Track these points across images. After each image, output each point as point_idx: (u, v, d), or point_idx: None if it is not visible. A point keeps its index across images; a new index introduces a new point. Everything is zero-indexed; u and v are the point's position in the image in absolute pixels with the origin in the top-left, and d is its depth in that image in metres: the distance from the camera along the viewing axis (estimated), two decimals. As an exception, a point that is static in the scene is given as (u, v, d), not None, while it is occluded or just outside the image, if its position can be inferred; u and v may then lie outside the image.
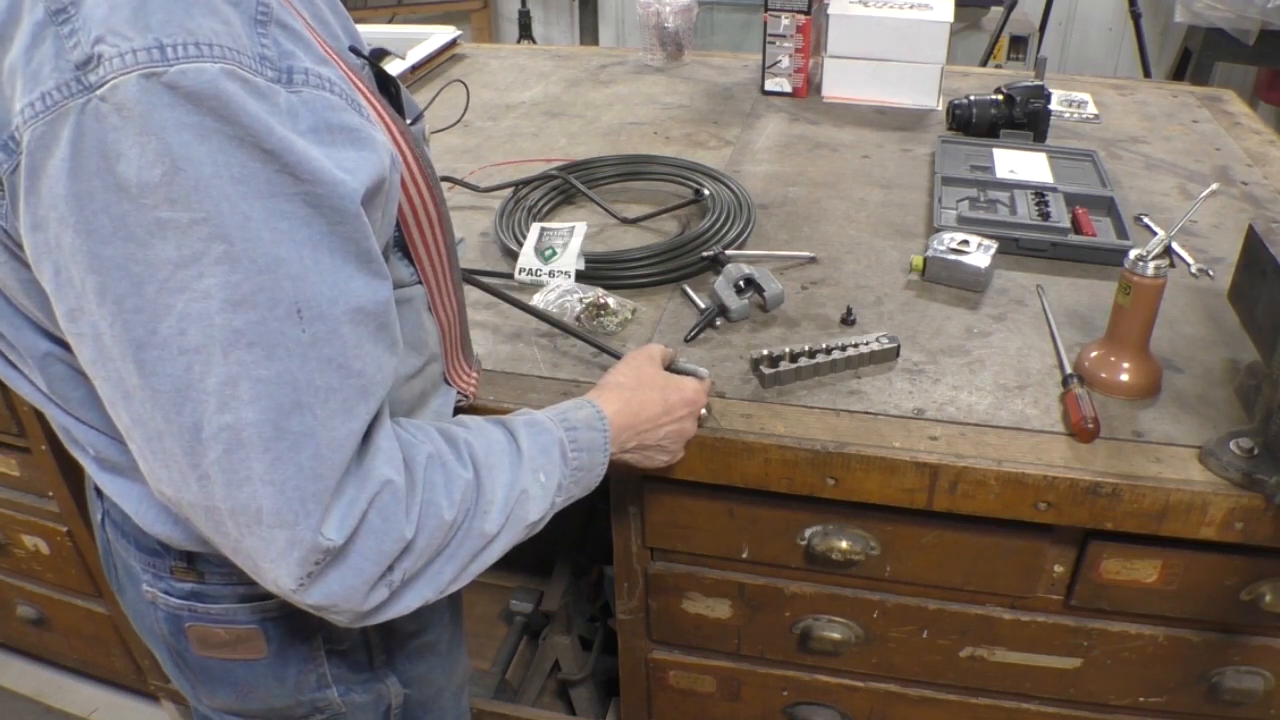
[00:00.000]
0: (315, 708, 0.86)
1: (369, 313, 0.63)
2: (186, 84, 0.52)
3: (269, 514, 0.60)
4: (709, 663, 1.21)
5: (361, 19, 3.98)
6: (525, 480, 0.75)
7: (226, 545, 0.63)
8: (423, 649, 0.92)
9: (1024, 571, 1.03)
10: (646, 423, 0.90)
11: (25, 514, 1.58)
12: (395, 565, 0.65)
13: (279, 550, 0.61)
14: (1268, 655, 1.03)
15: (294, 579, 0.62)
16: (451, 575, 0.71)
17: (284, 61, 0.58)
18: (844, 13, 1.74)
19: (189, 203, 0.54)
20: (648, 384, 0.92)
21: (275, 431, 0.59)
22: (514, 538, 0.76)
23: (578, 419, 0.83)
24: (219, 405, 0.58)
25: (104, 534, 0.86)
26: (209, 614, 0.80)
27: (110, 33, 0.52)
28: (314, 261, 0.59)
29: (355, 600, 0.65)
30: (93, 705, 1.91)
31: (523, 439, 0.77)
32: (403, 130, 0.75)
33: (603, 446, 0.84)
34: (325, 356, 0.60)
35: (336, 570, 0.63)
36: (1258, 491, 0.88)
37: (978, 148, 1.53)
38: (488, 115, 1.77)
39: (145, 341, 0.56)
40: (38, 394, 0.71)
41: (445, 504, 0.68)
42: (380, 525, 0.63)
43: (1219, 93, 1.87)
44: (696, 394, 0.94)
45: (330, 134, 0.60)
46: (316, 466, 0.60)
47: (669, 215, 1.40)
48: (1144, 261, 0.94)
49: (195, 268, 0.55)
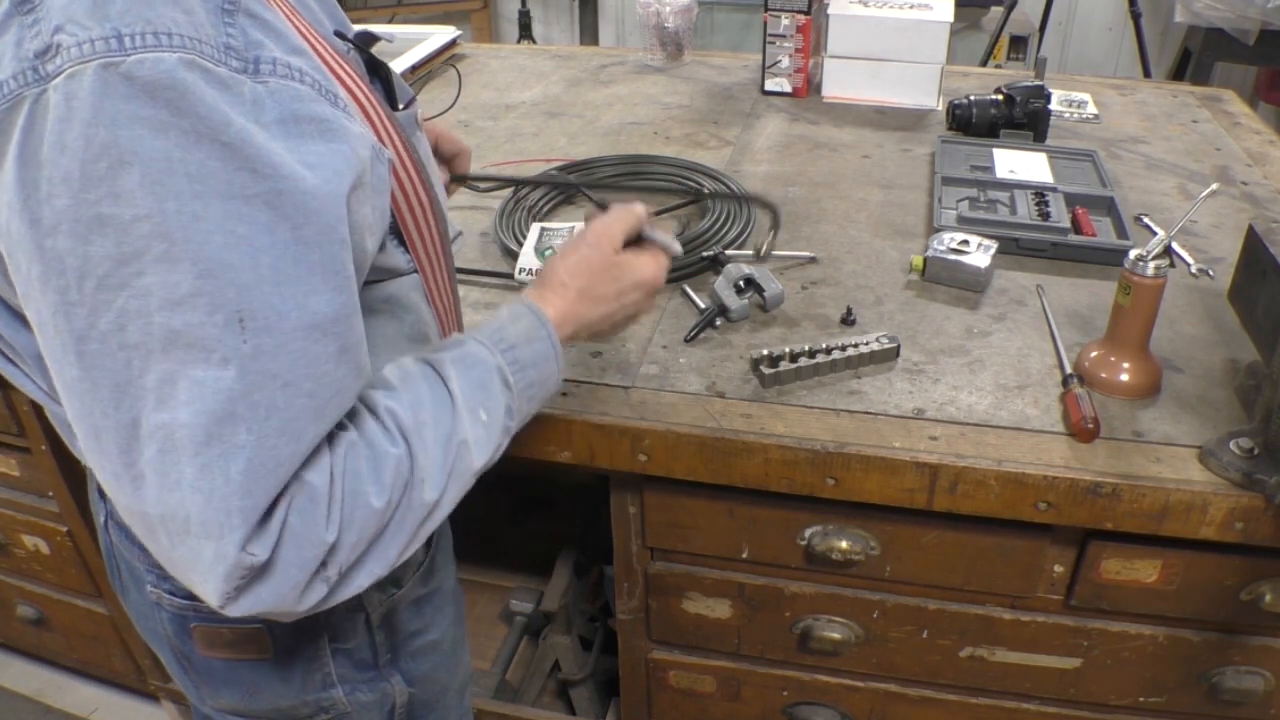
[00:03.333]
0: (321, 707, 0.86)
1: (328, 331, 0.60)
2: (143, 74, 0.52)
3: (196, 524, 0.58)
4: (709, 663, 1.21)
5: (361, 18, 3.98)
6: (464, 429, 0.71)
7: (161, 555, 0.61)
8: (427, 648, 0.92)
9: (1024, 571, 1.03)
10: (595, 317, 0.85)
11: (25, 514, 1.58)
12: (327, 563, 0.63)
13: (207, 563, 0.59)
14: (1268, 655, 1.03)
15: (220, 594, 0.60)
16: (399, 548, 0.68)
17: (251, 51, 0.57)
18: (844, 13, 1.74)
19: (132, 199, 0.53)
20: (598, 272, 0.85)
21: (206, 436, 0.57)
22: (461, 490, 0.72)
23: (516, 334, 0.78)
24: (156, 402, 0.56)
25: (107, 536, 0.86)
26: (214, 614, 0.79)
27: (69, 22, 0.52)
28: (271, 271, 0.57)
29: (289, 604, 0.63)
30: (93, 705, 1.91)
31: (454, 382, 0.72)
32: (389, 117, 0.74)
33: (552, 356, 0.79)
34: (267, 371, 0.58)
35: (263, 582, 0.61)
36: (1258, 491, 0.88)
37: (978, 148, 1.52)
38: (488, 115, 1.77)
39: (85, 334, 0.56)
40: (39, 391, 0.71)
41: (373, 491, 0.64)
42: (301, 530, 0.61)
43: (1219, 93, 1.87)
44: (655, 274, 0.88)
45: (298, 125, 0.59)
46: (247, 482, 0.58)
47: (669, 215, 1.40)
48: (1144, 261, 0.94)
49: (135, 265, 0.54)
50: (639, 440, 0.99)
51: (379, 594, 0.85)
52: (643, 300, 0.89)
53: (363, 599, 0.83)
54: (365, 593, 0.83)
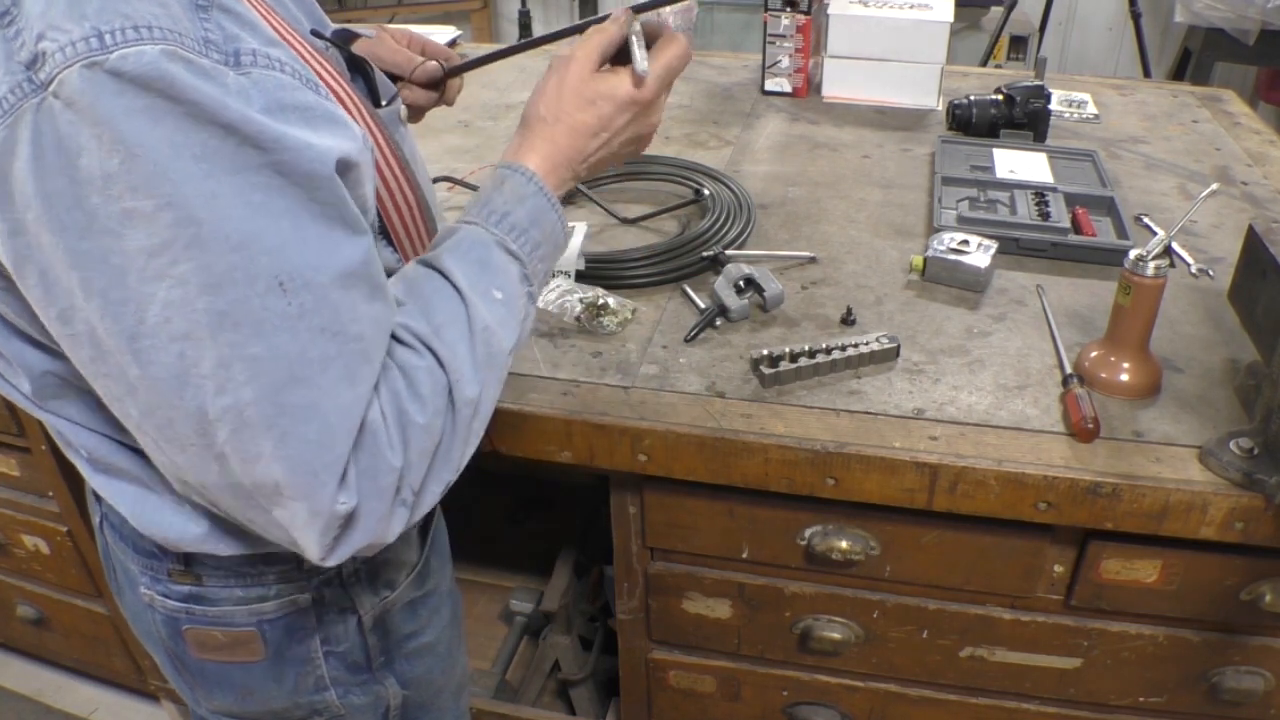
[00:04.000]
0: (314, 710, 0.86)
1: (358, 275, 0.62)
2: (128, 68, 0.52)
3: (286, 488, 0.60)
4: (709, 663, 1.21)
5: (361, 18, 3.98)
6: (481, 316, 0.70)
7: (259, 520, 0.63)
8: (421, 650, 0.91)
9: (1024, 571, 1.03)
10: (588, 150, 0.80)
11: (25, 514, 1.58)
12: (401, 487, 0.65)
13: (303, 522, 0.62)
14: (1268, 655, 1.03)
15: (320, 548, 0.63)
16: (461, 451, 0.69)
17: (230, 44, 0.58)
18: (844, 13, 1.74)
19: (150, 190, 0.53)
20: (570, 104, 0.79)
21: (276, 408, 0.59)
22: (500, 377, 0.73)
23: (504, 201, 0.75)
24: (217, 388, 0.58)
25: (103, 537, 0.86)
26: (206, 616, 0.80)
27: (50, 28, 0.52)
28: (294, 231, 0.58)
29: (379, 537, 0.66)
30: (93, 705, 1.91)
31: (455, 273, 0.71)
32: (371, 114, 0.74)
33: (548, 208, 0.77)
34: (317, 326, 0.59)
35: (354, 526, 0.64)
36: (1258, 491, 0.88)
37: (978, 148, 1.52)
38: (488, 115, 1.77)
39: (136, 331, 0.56)
40: (26, 400, 0.71)
41: (415, 409, 0.65)
42: (371, 465, 0.63)
43: (1219, 93, 1.87)
44: (630, 92, 0.79)
45: (284, 113, 0.59)
46: (324, 438, 0.60)
47: (669, 215, 1.40)
48: (1144, 261, 0.94)
49: (168, 254, 0.55)
50: (639, 440, 0.99)
51: (372, 596, 0.85)
52: (635, 123, 0.81)
53: (355, 601, 0.83)
54: (358, 595, 0.83)
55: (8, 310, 0.63)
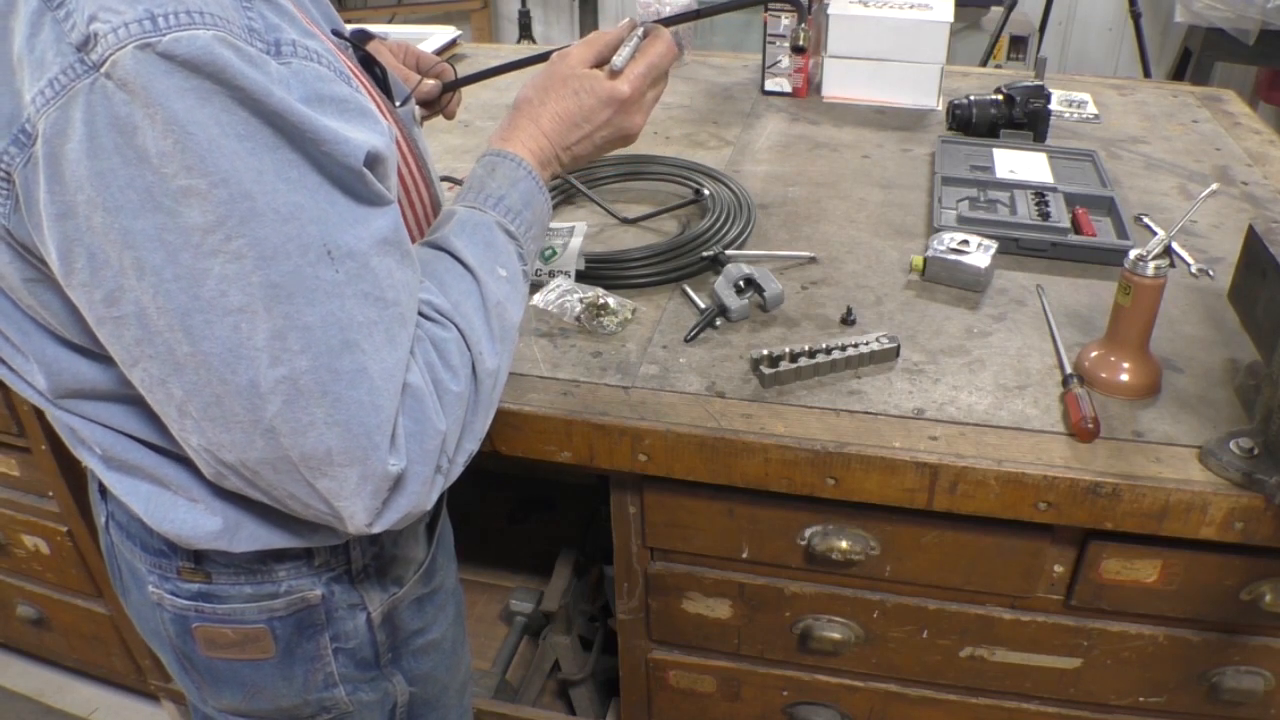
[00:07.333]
0: (323, 707, 0.86)
1: (391, 241, 0.64)
2: (180, 51, 0.53)
3: (339, 453, 0.62)
4: (709, 663, 1.21)
5: (361, 18, 3.98)
6: (492, 292, 0.75)
7: (300, 493, 0.64)
8: (428, 647, 0.92)
9: (1024, 571, 1.03)
10: (567, 139, 0.86)
11: (25, 514, 1.58)
12: (443, 452, 0.67)
13: (352, 487, 0.63)
14: (1268, 655, 1.03)
15: (369, 513, 0.64)
16: (484, 420, 0.73)
17: (271, 34, 0.59)
18: (844, 13, 1.74)
19: (204, 168, 0.55)
20: (557, 92, 0.86)
21: (330, 374, 0.60)
22: (512, 349, 0.77)
23: (498, 185, 0.81)
24: (271, 359, 0.59)
25: (108, 537, 0.86)
26: (216, 614, 0.80)
27: (102, 9, 0.52)
28: (330, 204, 0.60)
29: (421, 502, 0.67)
30: (93, 705, 1.91)
31: (464, 252, 0.75)
32: (390, 111, 0.75)
33: (537, 190, 0.83)
34: (362, 292, 0.62)
35: (401, 490, 0.65)
36: (1258, 491, 0.88)
37: (978, 148, 1.53)
38: (488, 115, 1.77)
39: (190, 308, 0.57)
40: (39, 395, 0.71)
41: (449, 377, 0.68)
42: (417, 429, 0.65)
43: (1219, 93, 1.87)
44: (611, 88, 0.86)
45: (322, 105, 0.60)
46: (374, 399, 0.62)
47: (669, 215, 1.40)
48: (1144, 261, 0.94)
49: (223, 230, 0.56)
50: (639, 440, 0.99)
51: (381, 593, 0.85)
52: (615, 120, 0.87)
53: (364, 598, 0.83)
54: (367, 592, 0.83)
55: (35, 303, 0.64)
